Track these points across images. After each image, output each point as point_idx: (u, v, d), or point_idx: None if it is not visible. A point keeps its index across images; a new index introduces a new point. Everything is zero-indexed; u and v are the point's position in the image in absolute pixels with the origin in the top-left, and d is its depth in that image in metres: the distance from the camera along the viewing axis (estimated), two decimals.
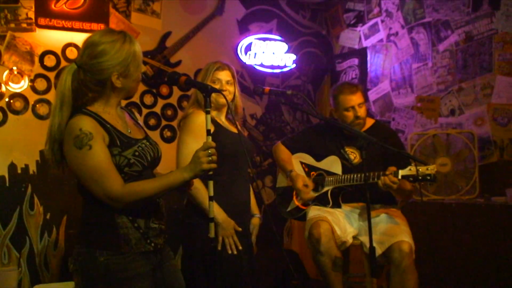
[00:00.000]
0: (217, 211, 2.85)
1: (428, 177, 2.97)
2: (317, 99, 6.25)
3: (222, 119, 3.09)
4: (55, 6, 4.62)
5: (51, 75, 4.69)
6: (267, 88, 3.01)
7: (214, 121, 2.99)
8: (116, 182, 2.09)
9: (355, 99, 3.54)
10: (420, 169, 2.98)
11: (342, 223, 3.37)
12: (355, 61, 5.93)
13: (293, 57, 5.91)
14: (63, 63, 4.73)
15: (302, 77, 6.13)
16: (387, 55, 5.58)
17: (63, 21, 4.68)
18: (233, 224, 2.90)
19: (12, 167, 4.48)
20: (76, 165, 2.09)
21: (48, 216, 4.58)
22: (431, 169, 2.97)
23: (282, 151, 3.73)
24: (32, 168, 4.55)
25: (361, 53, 5.85)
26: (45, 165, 4.59)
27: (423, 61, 5.22)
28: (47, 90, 4.66)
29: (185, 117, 3.01)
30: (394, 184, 3.07)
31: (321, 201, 3.50)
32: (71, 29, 4.72)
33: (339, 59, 6.13)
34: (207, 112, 2.21)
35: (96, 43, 2.20)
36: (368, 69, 5.78)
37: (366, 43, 5.81)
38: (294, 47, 6.03)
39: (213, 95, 2.95)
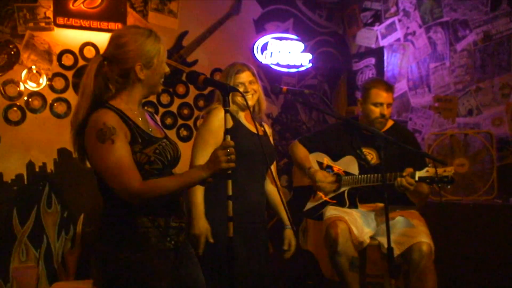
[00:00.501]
0: (199, 210, 2.88)
1: (446, 179, 2.96)
2: (333, 98, 6.23)
3: (245, 118, 3.07)
4: (73, 5, 4.65)
5: (69, 74, 4.72)
6: (284, 88, 3.01)
7: (234, 118, 2.99)
8: (135, 178, 2.10)
9: (387, 97, 3.52)
10: (438, 171, 2.96)
11: (359, 224, 3.35)
12: (372, 60, 5.90)
13: (309, 56, 5.90)
14: (81, 62, 4.76)
15: (318, 77, 6.12)
16: (404, 54, 5.55)
17: (81, 20, 4.71)
18: (205, 230, 2.89)
19: (30, 165, 4.52)
20: (97, 158, 2.11)
21: (65, 215, 4.61)
22: (448, 171, 2.96)
23: (300, 149, 3.71)
24: (50, 167, 4.59)
25: (378, 53, 5.82)
26: (63, 164, 4.63)
27: (440, 60, 5.18)
28: (65, 89, 4.69)
29: (207, 113, 3.03)
30: (411, 185, 3.05)
31: (338, 201, 3.49)
32: (89, 28, 4.75)
33: (356, 58, 6.11)
34: (226, 111, 2.21)
35: (122, 35, 2.27)
36: (385, 69, 5.75)
37: (383, 43, 5.78)
38: (311, 46, 6.01)
39: (239, 97, 2.97)
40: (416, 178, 3.07)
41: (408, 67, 5.49)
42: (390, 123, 3.65)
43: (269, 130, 3.27)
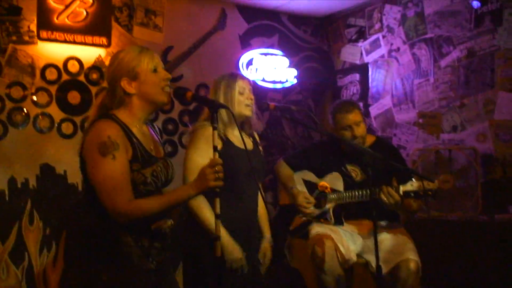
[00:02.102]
0: (222, 233, 2.79)
1: (430, 193, 2.96)
2: (318, 114, 6.23)
3: (235, 133, 3.03)
4: (57, 19, 4.61)
5: (53, 88, 4.67)
6: (272, 104, 3.00)
7: (221, 138, 2.96)
8: (125, 197, 2.09)
9: (352, 117, 3.48)
10: (421, 185, 2.97)
11: (345, 241, 3.33)
12: (356, 76, 5.93)
13: (294, 72, 5.91)
14: (64, 76, 4.72)
15: (303, 92, 6.12)
16: (388, 70, 5.58)
17: (65, 34, 4.67)
18: (237, 248, 2.85)
19: (12, 181, 4.44)
20: (94, 170, 2.09)
21: (47, 231, 4.53)
22: (432, 185, 2.96)
23: (284, 168, 3.71)
24: (32, 183, 4.51)
25: (362, 69, 5.85)
26: (46, 179, 4.56)
27: (424, 76, 5.22)
28: (48, 104, 4.63)
29: (193, 131, 2.99)
30: (391, 197, 3.05)
31: (323, 218, 3.47)
32: (73, 42, 4.71)
33: (340, 74, 6.13)
34: (214, 128, 2.19)
35: (111, 58, 2.34)
36: (369, 85, 5.77)
37: (367, 59, 5.82)
38: (296, 62, 6.03)
39: (239, 107, 2.93)
40: (400, 192, 3.06)
41: (393, 83, 5.52)
42: (372, 138, 3.64)
43: (258, 140, 3.24)
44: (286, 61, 5.85)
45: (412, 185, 3.04)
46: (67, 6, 4.65)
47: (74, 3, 4.67)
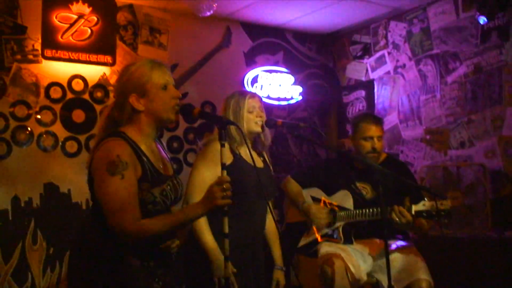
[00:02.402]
0: (211, 248, 2.78)
1: (443, 213, 2.90)
2: (323, 131, 6.18)
3: (245, 151, 3.00)
4: (62, 37, 4.60)
5: (57, 107, 4.64)
6: (279, 121, 2.95)
7: (233, 152, 2.93)
8: (133, 217, 2.03)
9: (376, 130, 3.49)
10: (434, 204, 2.91)
11: (355, 260, 3.26)
12: (362, 93, 5.90)
13: (299, 89, 5.88)
14: (69, 95, 4.69)
15: (308, 109, 6.08)
16: (394, 87, 5.55)
17: (70, 53, 4.65)
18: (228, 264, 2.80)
19: (15, 200, 4.39)
20: (102, 189, 2.04)
21: (51, 251, 4.47)
22: (445, 204, 2.90)
23: (293, 184, 3.65)
24: (36, 202, 4.46)
25: (368, 85, 5.82)
26: (50, 199, 4.52)
27: (431, 93, 5.18)
28: (52, 122, 4.60)
29: (205, 144, 2.96)
30: (403, 217, 2.99)
31: (332, 237, 3.40)
32: (78, 61, 4.70)
33: (346, 91, 6.10)
34: (222, 145, 2.14)
35: (121, 70, 2.29)
36: (375, 101, 5.74)
37: (373, 75, 5.79)
38: (301, 79, 6.00)
39: (248, 125, 2.90)
40: (412, 212, 3.01)
41: (399, 99, 5.49)
42: (383, 156, 3.60)
43: (267, 160, 3.20)
44: (291, 78, 5.83)
45: (424, 204, 2.98)
46: (71, 25, 4.64)
47: (79, 21, 4.66)
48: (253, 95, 3.06)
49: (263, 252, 3.08)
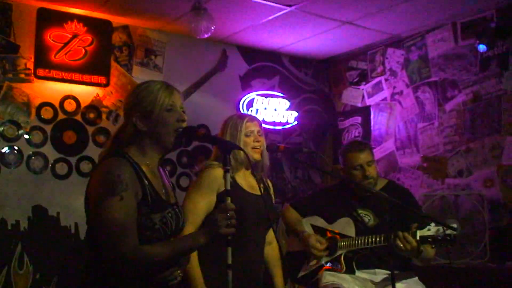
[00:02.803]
0: (195, 280, 2.66)
1: (448, 238, 2.80)
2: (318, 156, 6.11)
3: (244, 177, 2.90)
4: (55, 57, 4.50)
5: (48, 127, 4.53)
6: (282, 146, 2.85)
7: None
8: (131, 243, 1.88)
9: (363, 157, 3.38)
10: (440, 229, 2.81)
11: None
12: (358, 119, 5.83)
13: (294, 114, 5.81)
14: (60, 115, 4.58)
15: (303, 135, 6.00)
16: (391, 113, 5.49)
17: (63, 73, 4.56)
18: None
19: (2, 223, 4.24)
20: (98, 210, 1.90)
21: (37, 276, 4.31)
22: (452, 230, 2.80)
23: (292, 213, 3.54)
24: (24, 225, 4.32)
25: (364, 112, 5.76)
26: (38, 222, 4.37)
27: (429, 120, 5.12)
28: (43, 143, 4.48)
29: (200, 171, 2.86)
30: (408, 243, 2.89)
31: (333, 266, 3.28)
32: (71, 81, 4.60)
33: (342, 117, 6.03)
34: (227, 171, 2.04)
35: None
36: (372, 128, 5.67)
37: (369, 102, 5.73)
38: (296, 104, 5.93)
39: (245, 149, 2.80)
40: (417, 237, 2.90)
41: (396, 126, 5.43)
42: (383, 182, 3.50)
43: (270, 186, 3.09)
44: (286, 103, 5.76)
45: (429, 229, 2.88)
46: (65, 44, 4.56)
47: (73, 41, 4.58)
48: (252, 118, 2.97)
49: (262, 284, 2.95)
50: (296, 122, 5.83)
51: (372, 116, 5.68)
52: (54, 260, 4.39)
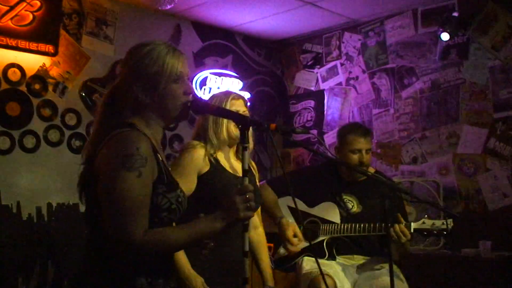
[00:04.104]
0: (181, 265, 2.48)
1: (445, 232, 2.78)
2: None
3: (226, 158, 2.73)
4: (0, 20, 4.10)
5: None
6: (273, 125, 2.67)
7: (210, 160, 2.64)
8: (141, 225, 1.65)
9: (366, 143, 3.28)
10: (436, 223, 2.78)
11: (340, 277, 3.04)
12: (311, 103, 5.76)
13: (247, 95, 5.65)
14: (4, 85, 4.18)
15: (255, 117, 5.85)
16: (346, 98, 5.46)
17: (7, 39, 4.13)
18: (200, 281, 2.51)
19: None
20: (111, 185, 1.65)
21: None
22: (448, 223, 2.78)
23: (269, 193, 3.32)
24: None
25: (318, 95, 5.69)
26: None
27: (384, 107, 5.12)
28: None
29: (181, 150, 2.66)
30: (404, 236, 2.83)
31: (314, 251, 3.16)
32: (16, 48, 4.18)
33: (294, 100, 5.94)
34: (245, 149, 1.84)
35: (128, 52, 1.90)
36: (325, 112, 5.62)
37: (323, 86, 5.67)
38: (248, 84, 5.77)
39: (227, 127, 2.63)
40: (411, 230, 2.86)
41: (350, 111, 5.40)
42: (371, 171, 3.41)
43: (255, 167, 2.92)
44: (239, 83, 5.59)
45: (424, 222, 2.84)
46: (12, 8, 4.14)
47: (21, 5, 4.16)
48: (238, 96, 2.80)
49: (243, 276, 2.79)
50: (248, 104, 5.66)
51: (326, 101, 5.62)
52: (15, 256, 4.03)
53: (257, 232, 2.89)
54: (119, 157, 1.66)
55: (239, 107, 2.76)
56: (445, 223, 2.77)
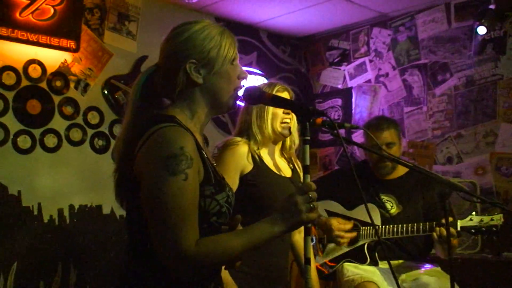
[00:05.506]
0: (228, 282, 2.27)
1: (494, 229, 2.58)
2: None
3: (270, 155, 2.56)
4: (20, 15, 3.96)
5: (9, 95, 3.98)
6: (319, 119, 2.49)
7: (254, 158, 2.46)
8: (193, 235, 1.46)
9: (384, 137, 3.11)
10: (484, 219, 2.58)
11: (385, 285, 2.85)
12: (338, 101, 5.57)
13: None
14: (24, 81, 4.05)
15: None
16: (375, 96, 5.26)
17: (28, 34, 4.01)
18: None
19: None
20: (154, 193, 1.45)
21: None
22: (496, 219, 2.58)
23: None
24: None
25: (345, 93, 5.50)
26: None
27: (416, 105, 4.92)
28: (3, 113, 3.94)
29: (222, 147, 2.48)
30: (453, 237, 2.64)
31: (354, 257, 2.98)
32: (37, 44, 4.06)
33: (320, 98, 5.75)
34: (306, 142, 1.67)
35: (176, 28, 1.71)
36: (353, 111, 5.42)
37: (351, 83, 5.47)
38: (277, 82, 5.58)
39: (272, 122, 2.46)
40: (458, 228, 2.66)
41: (380, 110, 5.19)
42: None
43: (300, 167, 2.73)
44: (264, 81, 5.41)
45: (471, 219, 2.65)
46: (32, 1, 4.01)
47: None
48: (284, 88, 2.62)
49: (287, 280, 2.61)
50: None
51: (353, 99, 5.43)
52: (13, 244, 3.88)
53: (302, 236, 2.71)
54: (161, 160, 1.46)
55: (286, 97, 2.59)
56: (493, 218, 2.57)
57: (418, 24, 4.94)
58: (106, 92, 4.42)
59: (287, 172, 2.60)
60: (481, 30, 4.35)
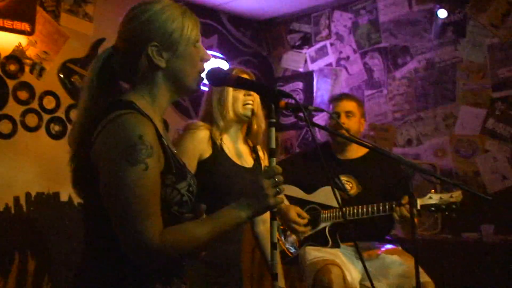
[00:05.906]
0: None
1: (454, 206, 2.61)
2: None
3: (232, 142, 2.51)
4: None
5: None
6: (283, 102, 2.45)
7: (214, 144, 2.42)
8: (156, 226, 1.41)
9: (343, 105, 3.15)
10: (443, 197, 2.61)
11: (348, 267, 2.86)
12: (299, 85, 5.56)
13: None
14: None
15: None
16: (336, 80, 5.26)
17: None
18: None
19: None
20: (114, 183, 1.40)
21: None
22: (455, 196, 2.61)
23: None
24: None
25: (307, 77, 5.49)
26: None
27: (377, 88, 4.94)
28: None
29: (183, 130, 2.44)
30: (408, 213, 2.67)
31: (316, 240, 2.97)
32: None
33: (281, 82, 5.72)
34: (272, 124, 1.64)
35: (134, 7, 1.63)
36: (314, 94, 5.42)
37: (312, 67, 5.46)
38: (234, 66, 5.53)
39: (234, 106, 2.42)
40: (418, 207, 2.68)
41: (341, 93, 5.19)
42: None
43: (263, 156, 2.70)
44: (225, 64, 5.35)
45: (431, 197, 2.67)
46: None
47: None
48: (243, 70, 2.58)
49: (238, 273, 2.58)
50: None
51: (315, 82, 5.42)
52: None
53: (266, 226, 2.68)
54: (120, 149, 1.41)
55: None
56: (453, 195, 2.60)
57: (379, 7, 4.94)
58: (62, 76, 4.30)
59: (248, 161, 2.56)
60: (442, 13, 4.38)
